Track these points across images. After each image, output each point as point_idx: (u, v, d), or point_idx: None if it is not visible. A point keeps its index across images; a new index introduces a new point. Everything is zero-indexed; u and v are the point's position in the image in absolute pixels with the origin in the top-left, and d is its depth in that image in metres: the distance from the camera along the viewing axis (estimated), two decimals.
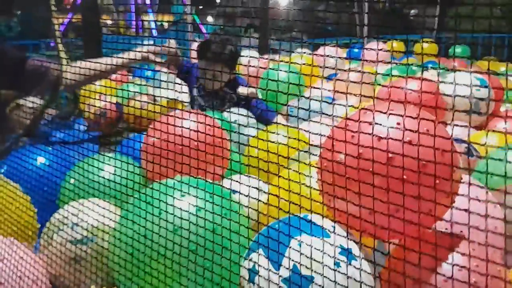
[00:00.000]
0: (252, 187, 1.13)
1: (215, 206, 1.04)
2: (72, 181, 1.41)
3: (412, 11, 7.62)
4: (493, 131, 1.72)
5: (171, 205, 1.05)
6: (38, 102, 4.65)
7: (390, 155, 0.87)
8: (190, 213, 1.05)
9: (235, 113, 1.82)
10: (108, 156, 1.43)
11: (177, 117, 1.37)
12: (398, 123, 0.90)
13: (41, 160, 1.56)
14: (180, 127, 1.34)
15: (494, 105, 1.91)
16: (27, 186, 1.45)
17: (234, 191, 1.28)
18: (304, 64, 3.09)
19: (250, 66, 3.02)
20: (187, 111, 1.48)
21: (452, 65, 3.35)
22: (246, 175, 1.38)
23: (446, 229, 0.92)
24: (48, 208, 1.42)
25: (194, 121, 1.36)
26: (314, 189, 1.02)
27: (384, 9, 7.47)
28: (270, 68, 2.72)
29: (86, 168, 1.38)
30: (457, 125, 0.82)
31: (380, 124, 0.91)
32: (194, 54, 3.87)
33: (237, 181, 1.16)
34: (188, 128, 1.33)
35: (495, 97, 1.92)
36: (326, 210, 1.01)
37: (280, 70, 2.71)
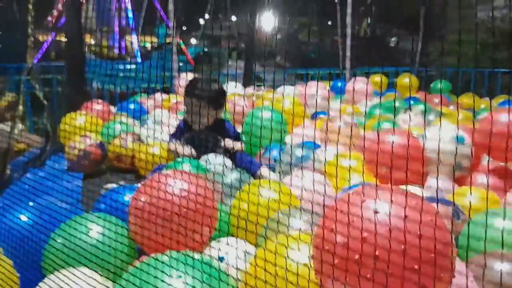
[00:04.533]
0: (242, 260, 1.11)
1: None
2: (57, 244, 1.34)
3: (393, 39, 7.81)
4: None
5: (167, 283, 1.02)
6: (19, 127, 4.55)
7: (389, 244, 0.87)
8: None
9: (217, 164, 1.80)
10: (93, 220, 1.37)
11: (165, 182, 1.34)
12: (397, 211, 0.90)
13: (23, 218, 1.50)
14: (168, 192, 1.32)
15: (474, 159, 1.93)
16: (7, 246, 1.39)
17: (221, 259, 1.27)
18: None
19: (236, 105, 3.00)
20: (175, 173, 1.44)
21: (434, 102, 3.43)
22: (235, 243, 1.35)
23: None
24: (31, 269, 1.36)
25: (184, 185, 1.34)
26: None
27: (366, 37, 7.62)
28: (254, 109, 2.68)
29: (71, 232, 1.33)
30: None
31: (378, 211, 0.91)
32: (179, 81, 3.86)
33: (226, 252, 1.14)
34: (176, 194, 1.30)
35: (475, 149, 1.95)
36: None
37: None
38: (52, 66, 5.34)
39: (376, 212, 0.90)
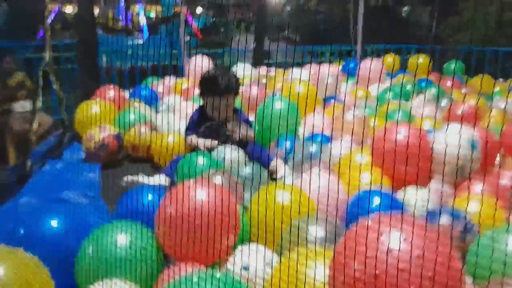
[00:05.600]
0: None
1: None
2: (87, 252, 1.40)
3: (405, 9, 7.57)
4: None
5: None
6: (29, 106, 4.58)
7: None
8: None
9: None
10: (121, 229, 1.43)
11: (190, 193, 1.39)
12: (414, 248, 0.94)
13: (53, 223, 1.55)
14: (194, 202, 1.37)
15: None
16: (40, 251, 1.44)
17: (246, 268, 1.33)
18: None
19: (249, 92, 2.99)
20: (199, 183, 1.48)
21: (446, 84, 3.39)
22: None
23: None
24: (63, 272, 1.42)
25: (209, 195, 1.39)
26: None
27: (378, 6, 7.38)
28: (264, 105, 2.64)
29: (100, 240, 1.39)
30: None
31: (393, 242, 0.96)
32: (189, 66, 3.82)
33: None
34: (201, 205, 1.36)
35: (490, 150, 1.93)
36: None
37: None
38: (61, 44, 5.30)
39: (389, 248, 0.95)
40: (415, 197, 1.60)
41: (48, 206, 1.62)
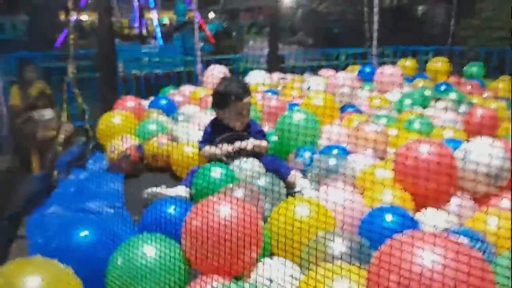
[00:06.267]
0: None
1: None
2: (117, 265, 1.44)
3: (421, 8, 7.46)
4: None
5: None
6: (50, 115, 4.65)
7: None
8: None
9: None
10: (149, 242, 1.46)
11: (215, 208, 1.41)
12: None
13: (84, 234, 1.58)
14: (219, 217, 1.39)
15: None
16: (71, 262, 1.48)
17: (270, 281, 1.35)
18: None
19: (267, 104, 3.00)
20: (224, 198, 1.50)
21: (466, 89, 3.34)
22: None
23: None
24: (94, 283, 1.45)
25: (234, 210, 1.41)
26: None
27: (393, 7, 7.29)
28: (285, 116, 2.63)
29: (129, 253, 1.42)
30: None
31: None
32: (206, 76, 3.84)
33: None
34: (226, 219, 1.38)
35: None
36: None
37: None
38: (77, 53, 5.40)
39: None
40: (434, 218, 1.59)
41: (78, 217, 1.66)
